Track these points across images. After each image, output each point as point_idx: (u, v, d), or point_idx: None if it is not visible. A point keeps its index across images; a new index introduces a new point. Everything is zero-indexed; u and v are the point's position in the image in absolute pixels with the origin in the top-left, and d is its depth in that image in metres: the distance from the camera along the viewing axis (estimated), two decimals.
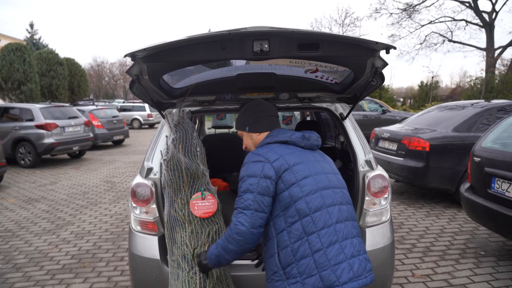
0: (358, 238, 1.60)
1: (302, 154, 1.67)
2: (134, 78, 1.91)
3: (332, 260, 1.48)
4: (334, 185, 1.65)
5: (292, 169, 1.59)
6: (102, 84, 53.90)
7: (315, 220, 1.52)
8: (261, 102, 1.93)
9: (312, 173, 1.61)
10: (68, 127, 10.04)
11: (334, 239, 1.51)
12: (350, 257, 1.50)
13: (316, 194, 1.56)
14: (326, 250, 1.49)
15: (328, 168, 1.71)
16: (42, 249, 4.20)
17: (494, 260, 3.69)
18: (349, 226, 1.58)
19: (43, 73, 24.13)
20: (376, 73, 1.98)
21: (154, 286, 2.30)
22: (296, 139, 1.72)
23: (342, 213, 1.58)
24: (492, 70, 23.10)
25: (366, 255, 1.59)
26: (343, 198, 1.64)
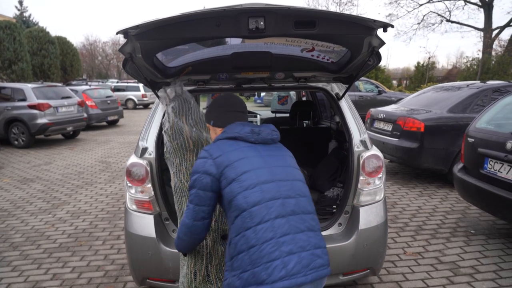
0: (308, 232, 1.51)
1: (249, 150, 1.62)
2: (127, 56, 1.88)
3: (265, 257, 1.42)
4: (281, 178, 1.58)
5: (233, 165, 1.56)
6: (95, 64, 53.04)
7: (252, 215, 1.48)
8: (228, 97, 1.87)
9: (253, 168, 1.56)
10: (62, 107, 9.93)
11: (270, 235, 1.45)
12: (287, 254, 1.42)
13: (255, 189, 1.51)
14: (260, 247, 1.43)
15: (276, 162, 1.63)
16: (39, 228, 4.22)
17: (484, 239, 3.78)
18: (295, 220, 1.50)
19: (34, 52, 23.66)
20: (373, 53, 1.96)
21: (150, 264, 2.34)
22: (245, 134, 1.66)
23: (286, 207, 1.51)
24: (489, 51, 23.00)
25: (317, 250, 1.49)
26: (291, 191, 1.56)
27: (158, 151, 2.44)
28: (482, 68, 20.99)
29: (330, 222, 2.49)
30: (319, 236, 1.56)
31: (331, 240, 2.39)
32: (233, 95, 1.88)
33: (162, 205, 2.41)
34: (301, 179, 1.67)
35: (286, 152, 1.74)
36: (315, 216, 1.61)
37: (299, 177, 1.67)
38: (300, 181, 1.65)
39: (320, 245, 1.52)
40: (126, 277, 3.11)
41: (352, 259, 2.35)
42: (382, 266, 2.78)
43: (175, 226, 2.44)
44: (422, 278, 3.05)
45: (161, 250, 2.28)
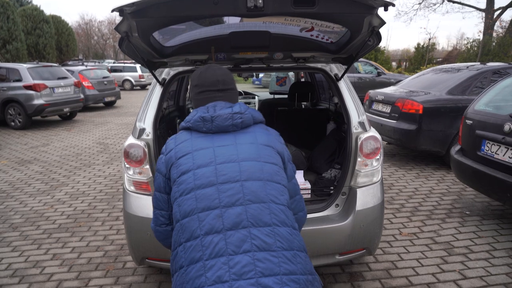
0: (256, 253, 1.13)
1: (200, 142, 1.33)
2: (123, 35, 1.84)
3: (189, 283, 1.13)
4: (226, 179, 1.24)
5: (176, 163, 1.32)
6: (91, 44, 52.24)
7: (183, 228, 1.22)
8: (200, 72, 1.51)
9: (195, 167, 1.27)
10: (58, 88, 9.83)
11: (197, 255, 1.15)
12: (214, 282, 1.09)
13: (189, 195, 1.24)
14: (187, 269, 1.16)
15: (228, 156, 1.29)
16: (38, 209, 4.24)
17: (478, 220, 3.83)
18: (236, 237, 1.15)
19: (29, 31, 23.25)
20: (373, 32, 1.93)
21: (149, 244, 2.36)
22: (195, 123, 1.36)
23: (224, 220, 1.18)
24: (490, 32, 22.73)
25: (267, 279, 1.10)
26: (237, 196, 1.22)
27: (156, 132, 2.42)
28: (483, 50, 20.81)
29: (328, 203, 2.51)
30: (281, 259, 1.14)
31: (328, 220, 2.41)
32: (208, 68, 1.51)
33: None
34: (264, 177, 1.27)
35: (256, 138, 1.36)
36: (281, 228, 1.21)
37: (261, 174, 1.27)
38: (259, 181, 1.26)
39: (275, 271, 1.11)
40: (125, 257, 3.15)
41: (348, 239, 2.38)
42: (378, 246, 2.82)
43: None
44: (416, 258, 3.10)
45: None
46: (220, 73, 1.49)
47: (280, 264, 1.13)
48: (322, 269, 2.90)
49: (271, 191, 1.26)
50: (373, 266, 2.97)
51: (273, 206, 1.23)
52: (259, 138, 1.37)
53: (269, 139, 1.39)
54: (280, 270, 1.13)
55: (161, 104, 2.52)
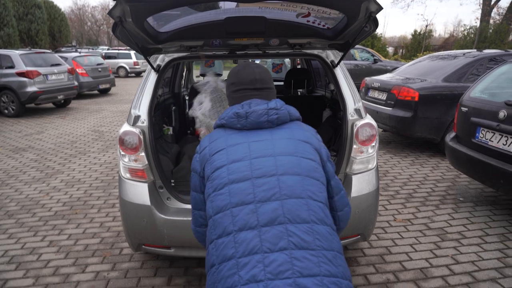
0: (294, 251, 1.06)
1: (234, 138, 1.30)
2: (117, 20, 1.81)
3: (222, 281, 1.08)
4: (261, 174, 1.19)
5: (210, 160, 1.28)
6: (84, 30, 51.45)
7: (215, 225, 1.18)
8: (237, 70, 1.47)
9: (228, 162, 1.23)
10: (51, 74, 9.70)
11: (230, 253, 1.10)
12: (247, 282, 1.03)
13: (222, 190, 1.19)
14: (219, 267, 1.11)
15: (264, 150, 1.24)
16: (33, 197, 4.23)
17: (472, 206, 3.88)
18: (272, 233, 1.08)
19: (20, 17, 22.84)
20: (370, 18, 1.91)
21: (145, 231, 2.38)
22: (229, 120, 1.32)
23: (259, 215, 1.12)
24: (487, 19, 22.65)
25: (305, 279, 1.02)
26: (273, 191, 1.15)
27: (151, 119, 2.41)
28: (479, 37, 20.75)
29: None
30: (321, 258, 1.06)
31: None
32: (246, 66, 1.47)
33: (156, 174, 2.41)
34: (302, 172, 1.21)
35: (293, 134, 1.30)
36: (320, 226, 1.13)
37: (299, 169, 1.21)
38: (297, 176, 1.19)
39: (315, 272, 1.03)
40: (122, 243, 3.17)
41: None
42: (373, 232, 2.86)
43: (169, 194, 2.45)
44: (410, 243, 3.14)
45: (156, 218, 2.31)
46: (258, 71, 1.45)
47: (320, 264, 1.06)
48: None
49: (309, 187, 1.19)
50: (367, 252, 3.01)
51: (311, 203, 1.16)
52: (296, 134, 1.31)
53: (306, 135, 1.34)
54: (321, 271, 1.05)
55: (156, 91, 2.50)
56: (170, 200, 2.46)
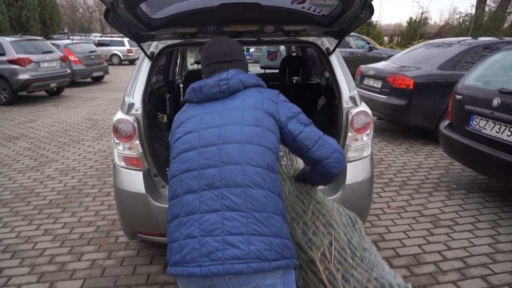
0: (225, 212, 1.20)
1: (192, 111, 1.43)
2: (109, 6, 1.77)
3: (170, 236, 1.28)
4: (205, 143, 1.31)
5: (174, 132, 1.45)
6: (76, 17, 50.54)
7: (170, 188, 1.36)
8: (208, 45, 1.54)
9: (183, 133, 1.38)
10: (43, 62, 9.56)
11: (176, 212, 1.28)
12: (185, 237, 1.21)
13: (176, 159, 1.36)
14: (170, 224, 1.31)
15: (212, 121, 1.35)
16: (27, 185, 4.22)
17: (464, 193, 3.93)
18: (209, 196, 1.23)
19: (10, 3, 22.36)
20: (365, 5, 1.89)
21: (141, 219, 2.38)
22: (188, 95, 1.46)
23: (200, 180, 1.26)
24: (483, 7, 22.57)
25: (231, 237, 1.17)
26: (213, 159, 1.27)
27: (145, 107, 2.39)
28: (475, 25, 20.71)
29: None
30: (249, 219, 1.20)
31: None
32: (215, 41, 1.54)
33: (151, 162, 2.41)
34: (242, 140, 1.30)
35: (242, 102, 1.38)
36: (254, 190, 1.24)
37: (240, 137, 1.30)
38: (236, 143, 1.29)
39: (242, 231, 1.17)
40: (117, 231, 3.17)
41: None
42: (367, 220, 2.89)
43: (164, 182, 2.45)
44: (404, 230, 3.18)
45: (151, 206, 2.31)
46: (227, 44, 1.51)
47: (248, 224, 1.19)
48: None
49: (247, 153, 1.28)
50: None
51: (247, 168, 1.26)
52: (246, 102, 1.38)
53: (257, 101, 1.39)
54: (248, 230, 1.18)
55: (150, 79, 2.47)
56: (165, 188, 2.46)
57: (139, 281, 2.55)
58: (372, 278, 1.34)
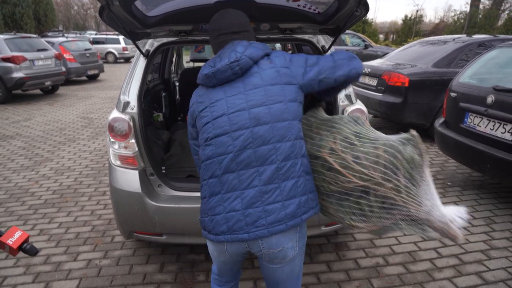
0: (262, 187, 1.40)
1: (214, 95, 1.50)
2: (104, 3, 1.76)
3: (211, 210, 1.46)
4: (237, 127, 1.43)
5: (199, 116, 1.53)
6: (71, 14, 50.20)
7: (207, 168, 1.49)
8: (216, 18, 1.61)
9: (212, 118, 1.47)
10: (38, 60, 9.48)
11: (217, 190, 1.45)
12: (229, 211, 1.41)
13: (211, 141, 1.47)
14: (208, 199, 1.48)
15: (236, 104, 1.44)
16: (22, 185, 4.19)
17: (459, 190, 3.95)
18: (246, 175, 1.40)
19: (4, 0, 22.14)
20: (361, 2, 1.89)
21: (137, 218, 2.37)
22: (203, 81, 1.53)
23: (237, 161, 1.42)
24: (477, 4, 22.68)
25: (270, 206, 1.39)
26: (247, 141, 1.41)
27: (140, 106, 2.38)
28: (469, 22, 20.80)
29: None
30: (282, 189, 1.41)
31: None
32: (223, 13, 1.61)
33: (147, 161, 2.40)
34: (271, 120, 1.43)
35: (261, 79, 1.46)
36: (285, 162, 1.41)
37: (268, 118, 1.43)
38: (266, 125, 1.42)
39: (275, 199, 1.40)
40: (113, 231, 3.16)
41: None
42: None
43: (160, 181, 2.45)
44: None
45: (147, 205, 2.31)
46: (235, 16, 1.60)
47: (282, 193, 1.40)
48: (309, 240, 2.95)
49: (277, 131, 1.43)
50: (357, 236, 3.06)
51: (278, 145, 1.42)
52: (264, 78, 1.46)
53: (274, 75, 1.47)
54: (282, 198, 1.40)
55: (145, 77, 2.46)
56: (161, 187, 2.45)
57: (136, 281, 2.55)
58: (380, 145, 1.46)
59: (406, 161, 1.41)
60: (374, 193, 1.40)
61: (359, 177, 1.42)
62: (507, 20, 20.47)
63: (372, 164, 1.41)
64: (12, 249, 1.30)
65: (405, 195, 1.36)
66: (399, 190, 1.36)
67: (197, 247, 2.87)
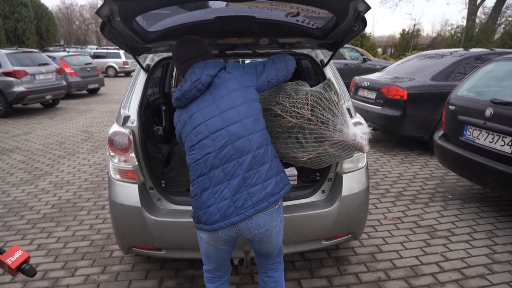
0: (244, 174, 1.65)
1: (190, 109, 1.78)
2: (105, 19, 1.79)
3: (204, 204, 1.69)
4: (213, 130, 1.68)
5: (182, 130, 1.80)
6: (72, 29, 50.77)
7: (194, 170, 1.73)
8: (176, 48, 1.90)
9: (193, 127, 1.74)
10: (39, 74, 9.55)
11: (206, 185, 1.68)
12: (220, 200, 1.65)
13: (195, 146, 1.72)
14: (200, 195, 1.70)
15: (207, 114, 1.72)
16: (21, 199, 4.17)
17: (460, 203, 3.93)
18: (230, 167, 1.65)
19: (6, 16, 22.45)
20: (359, 18, 1.92)
21: (136, 233, 2.35)
22: (177, 103, 1.82)
23: (221, 158, 1.66)
24: (473, 19, 22.98)
25: (252, 189, 1.64)
26: (223, 141, 1.67)
27: (140, 120, 2.39)
28: (466, 36, 21.04)
29: (314, 189, 2.53)
30: (260, 173, 1.67)
31: (315, 206, 2.44)
32: (181, 42, 1.90)
33: (146, 174, 2.39)
34: (240, 118, 1.70)
35: (226, 88, 1.75)
36: (258, 150, 1.69)
37: (238, 116, 1.70)
38: (237, 122, 1.69)
39: (256, 182, 1.66)
40: (112, 246, 3.13)
41: (334, 224, 2.42)
42: (363, 231, 2.88)
43: (160, 195, 2.44)
44: (401, 241, 3.17)
45: (147, 219, 2.29)
46: (192, 43, 1.89)
47: (260, 176, 1.67)
48: (309, 254, 2.95)
49: (247, 125, 1.70)
50: (358, 250, 3.03)
51: (251, 137, 1.69)
52: (228, 87, 1.75)
53: (234, 82, 1.77)
54: (261, 180, 1.67)
55: (145, 91, 2.48)
56: (161, 201, 2.44)
57: None
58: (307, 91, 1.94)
59: (326, 100, 1.82)
60: (308, 127, 1.84)
61: (295, 117, 1.89)
62: (503, 34, 20.70)
63: (303, 105, 1.87)
64: (11, 269, 1.29)
65: (329, 125, 1.77)
66: (323, 121, 1.78)
67: (196, 262, 2.84)
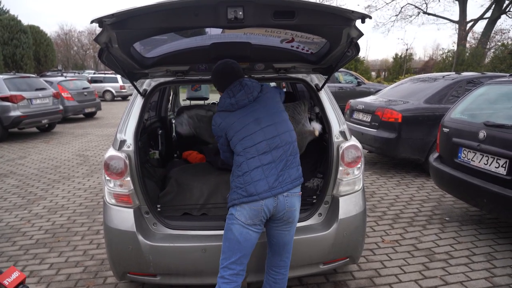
0: (288, 157, 2.06)
1: (236, 115, 2.10)
2: (103, 46, 1.83)
3: (253, 178, 2.00)
4: (267, 124, 2.07)
5: (229, 128, 2.10)
6: (70, 54, 51.45)
7: (244, 154, 2.04)
8: (218, 68, 2.18)
9: (241, 127, 2.07)
10: (36, 99, 9.59)
11: (258, 164, 2.01)
12: (269, 176, 2.00)
13: (247, 138, 2.05)
14: (251, 172, 2.01)
15: (262, 113, 2.10)
16: (14, 224, 4.10)
17: (458, 225, 3.92)
18: (277, 153, 2.04)
19: (5, 42, 22.78)
20: (352, 44, 1.98)
21: (130, 258, 2.31)
22: (227, 107, 2.12)
23: (270, 145, 2.03)
24: (464, 43, 23.60)
25: (291, 170, 2.06)
26: (271, 134, 2.06)
27: (137, 144, 2.39)
28: (457, 60, 21.53)
29: (311, 212, 2.52)
30: (295, 159, 2.11)
31: (312, 230, 2.42)
32: (223, 64, 2.16)
33: (142, 199, 2.38)
34: (273, 122, 2.09)
35: (267, 109, 2.12)
36: (294, 144, 2.12)
37: (279, 118, 2.13)
38: (278, 123, 2.11)
39: (292, 166, 2.08)
40: (106, 272, 3.07)
41: (332, 248, 2.39)
42: (361, 254, 2.84)
43: (155, 220, 2.41)
44: (399, 265, 3.14)
45: (142, 244, 2.26)
46: (230, 66, 2.16)
47: (295, 161, 2.12)
48: (307, 279, 2.90)
49: (286, 125, 2.15)
50: (356, 275, 2.99)
51: (291, 133, 2.15)
52: (269, 107, 2.13)
53: (272, 97, 2.18)
54: (295, 165, 2.12)
55: (142, 115, 2.49)
56: (156, 225, 2.41)
57: None
58: None
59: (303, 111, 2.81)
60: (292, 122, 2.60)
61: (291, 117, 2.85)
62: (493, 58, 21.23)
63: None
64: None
65: None
66: None
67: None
